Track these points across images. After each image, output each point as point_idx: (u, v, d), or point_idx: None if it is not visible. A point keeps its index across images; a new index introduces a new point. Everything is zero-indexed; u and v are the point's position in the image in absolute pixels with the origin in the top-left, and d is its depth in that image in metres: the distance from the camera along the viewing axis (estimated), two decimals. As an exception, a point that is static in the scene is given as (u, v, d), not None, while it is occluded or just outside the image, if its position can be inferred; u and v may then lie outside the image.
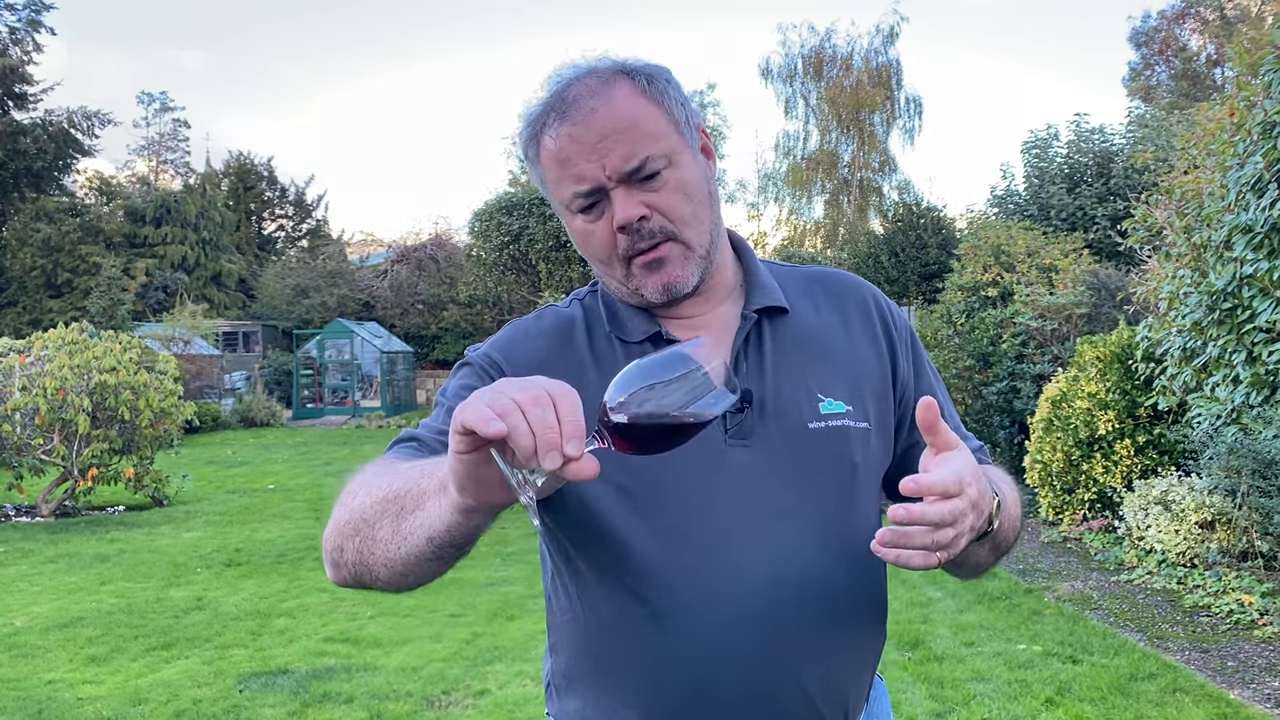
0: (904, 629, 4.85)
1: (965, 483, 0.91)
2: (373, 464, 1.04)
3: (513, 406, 0.75)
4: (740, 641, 1.07)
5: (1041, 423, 7.21)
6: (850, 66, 28.18)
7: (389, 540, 0.92)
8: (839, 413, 1.13)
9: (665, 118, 1.09)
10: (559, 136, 1.07)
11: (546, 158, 1.10)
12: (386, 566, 0.94)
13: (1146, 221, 7.20)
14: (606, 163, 1.06)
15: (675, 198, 1.08)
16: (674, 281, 1.10)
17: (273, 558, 7.23)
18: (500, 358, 1.15)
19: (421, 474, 0.91)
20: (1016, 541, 1.12)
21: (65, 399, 8.83)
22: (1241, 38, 6.49)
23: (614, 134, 1.05)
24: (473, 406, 0.75)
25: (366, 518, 0.94)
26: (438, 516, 0.86)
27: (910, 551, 0.90)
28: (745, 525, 1.08)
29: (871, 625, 1.18)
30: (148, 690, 4.36)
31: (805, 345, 1.17)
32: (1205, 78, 28.17)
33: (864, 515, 1.16)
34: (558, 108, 1.08)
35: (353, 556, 0.97)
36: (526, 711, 3.98)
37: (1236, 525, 5.51)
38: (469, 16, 60.36)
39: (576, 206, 1.09)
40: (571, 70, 1.12)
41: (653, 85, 1.09)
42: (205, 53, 60.22)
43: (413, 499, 0.90)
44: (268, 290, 25.89)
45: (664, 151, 1.07)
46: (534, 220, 18.69)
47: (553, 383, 0.78)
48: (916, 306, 14.21)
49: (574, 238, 1.14)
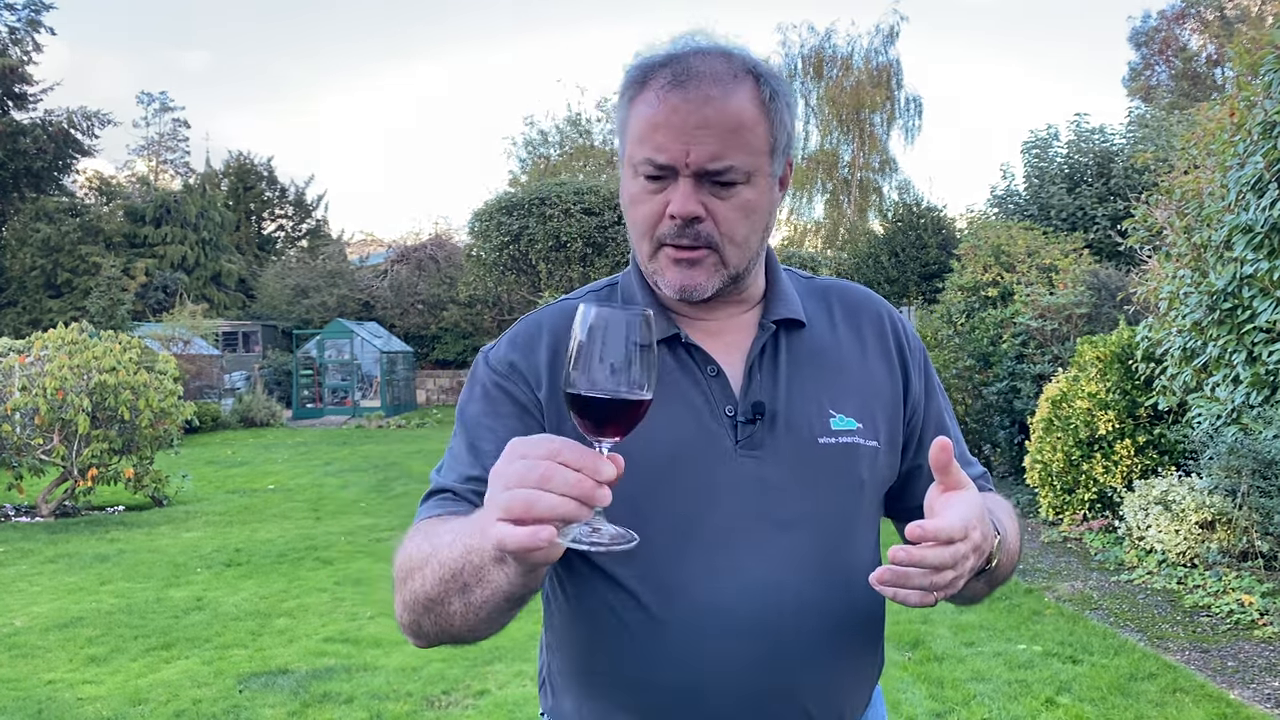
0: (904, 629, 4.84)
1: (970, 527, 0.92)
2: (416, 533, 1.05)
3: (536, 495, 0.78)
4: (737, 650, 1.06)
5: (1041, 423, 7.21)
6: (850, 66, 28.19)
7: (464, 613, 0.95)
8: (850, 429, 1.13)
9: (767, 136, 1.07)
10: (664, 99, 1.04)
11: (642, 110, 1.07)
12: (470, 630, 0.98)
13: (1146, 221, 7.20)
14: (692, 150, 1.03)
15: (736, 215, 1.07)
16: (693, 287, 1.09)
17: (273, 558, 7.23)
18: (518, 359, 1.15)
19: (467, 546, 0.92)
20: (1013, 573, 1.13)
21: (65, 399, 8.83)
22: (1242, 38, 6.49)
23: (715, 127, 1.03)
24: (513, 536, 0.78)
25: (433, 598, 0.96)
26: (507, 582, 0.89)
27: (907, 591, 0.91)
28: (748, 535, 1.07)
29: (869, 641, 1.18)
30: (148, 690, 4.36)
31: (819, 359, 1.17)
32: (1205, 78, 28.17)
33: (866, 533, 1.17)
34: (677, 71, 1.05)
35: (432, 629, 1.00)
36: (526, 711, 3.98)
37: (1237, 525, 5.51)
38: (469, 16, 60.38)
39: (643, 171, 1.07)
40: (707, 42, 1.09)
41: (773, 101, 1.07)
42: (205, 53, 60.26)
43: (471, 572, 0.91)
44: (268, 290, 25.89)
45: (749, 167, 1.06)
46: (534, 220, 18.69)
47: (543, 443, 0.81)
48: (916, 306, 14.21)
49: (624, 193, 1.13)
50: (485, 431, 1.11)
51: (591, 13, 56.81)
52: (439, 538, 0.97)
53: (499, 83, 61.25)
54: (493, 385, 1.14)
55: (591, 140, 29.06)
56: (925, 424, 1.23)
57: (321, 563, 7.02)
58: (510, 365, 1.15)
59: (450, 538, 0.95)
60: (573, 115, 29.48)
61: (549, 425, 1.11)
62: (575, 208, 18.67)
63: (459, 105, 64.56)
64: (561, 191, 19.06)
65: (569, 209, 18.64)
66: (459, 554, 0.92)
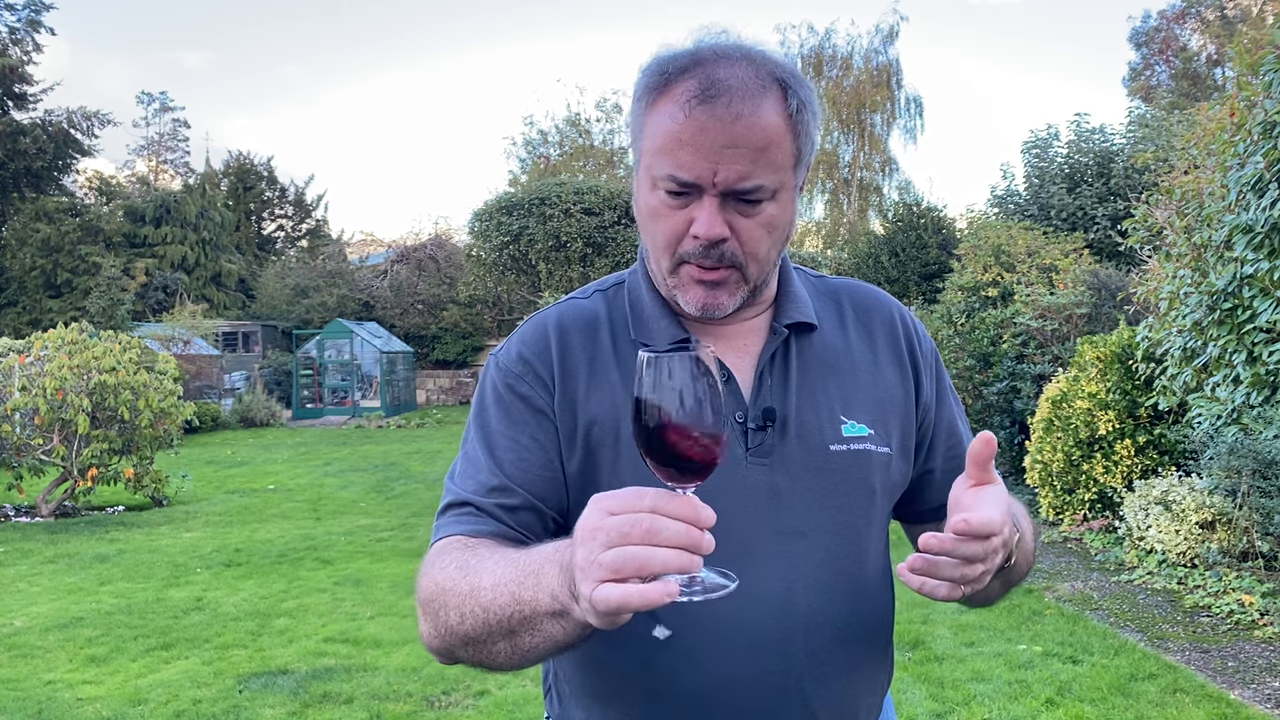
0: (904, 629, 4.84)
1: (1004, 523, 0.92)
2: (444, 556, 1.02)
3: (649, 553, 0.74)
4: (749, 660, 1.06)
5: (1042, 423, 7.21)
6: (850, 66, 28.22)
7: (510, 653, 0.93)
8: (861, 436, 1.12)
9: (793, 149, 1.04)
10: (691, 115, 0.99)
11: (665, 123, 1.02)
12: (512, 666, 0.96)
13: (1146, 221, 7.19)
14: (720, 169, 1.00)
15: (759, 232, 1.04)
16: (715, 306, 1.07)
17: (273, 558, 7.23)
18: (531, 357, 1.13)
19: (515, 597, 0.88)
20: (1029, 574, 1.12)
21: (65, 399, 8.83)
22: (1242, 38, 6.49)
23: (744, 147, 0.99)
24: (619, 594, 0.74)
25: (473, 637, 0.94)
26: (564, 634, 0.87)
27: (936, 582, 0.90)
28: (760, 543, 1.06)
29: (880, 649, 1.17)
30: (147, 690, 4.36)
31: (831, 364, 1.15)
32: (1205, 78, 28.17)
33: (877, 541, 1.15)
34: (704, 83, 1.00)
35: (468, 659, 0.99)
36: (526, 712, 3.98)
37: (1237, 525, 5.50)
38: (469, 16, 60.38)
39: (665, 186, 1.03)
40: (732, 44, 1.05)
41: (800, 113, 1.04)
42: (205, 52, 60.24)
43: (520, 620, 0.88)
44: (267, 290, 25.88)
45: (775, 185, 1.03)
46: (534, 220, 18.70)
47: (635, 497, 0.77)
48: (916, 306, 14.20)
49: (640, 206, 1.09)
50: (502, 439, 1.10)
51: (591, 13, 56.83)
52: (477, 576, 0.93)
53: (499, 83, 61.28)
54: (506, 389, 1.12)
55: (591, 140, 29.08)
56: (936, 428, 1.21)
57: (321, 563, 7.02)
58: (524, 363, 1.13)
59: (491, 580, 0.91)
60: (572, 115, 29.51)
61: (563, 430, 1.10)
62: (575, 208, 18.67)
63: (459, 105, 64.61)
64: (561, 191, 19.06)
65: (569, 209, 18.64)
66: (505, 602, 0.89)
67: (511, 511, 1.06)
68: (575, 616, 0.82)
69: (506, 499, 1.06)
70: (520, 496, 1.07)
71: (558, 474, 1.09)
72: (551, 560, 0.85)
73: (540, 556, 0.87)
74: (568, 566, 0.81)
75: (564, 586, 0.82)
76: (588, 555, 0.77)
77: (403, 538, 7.93)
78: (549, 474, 1.09)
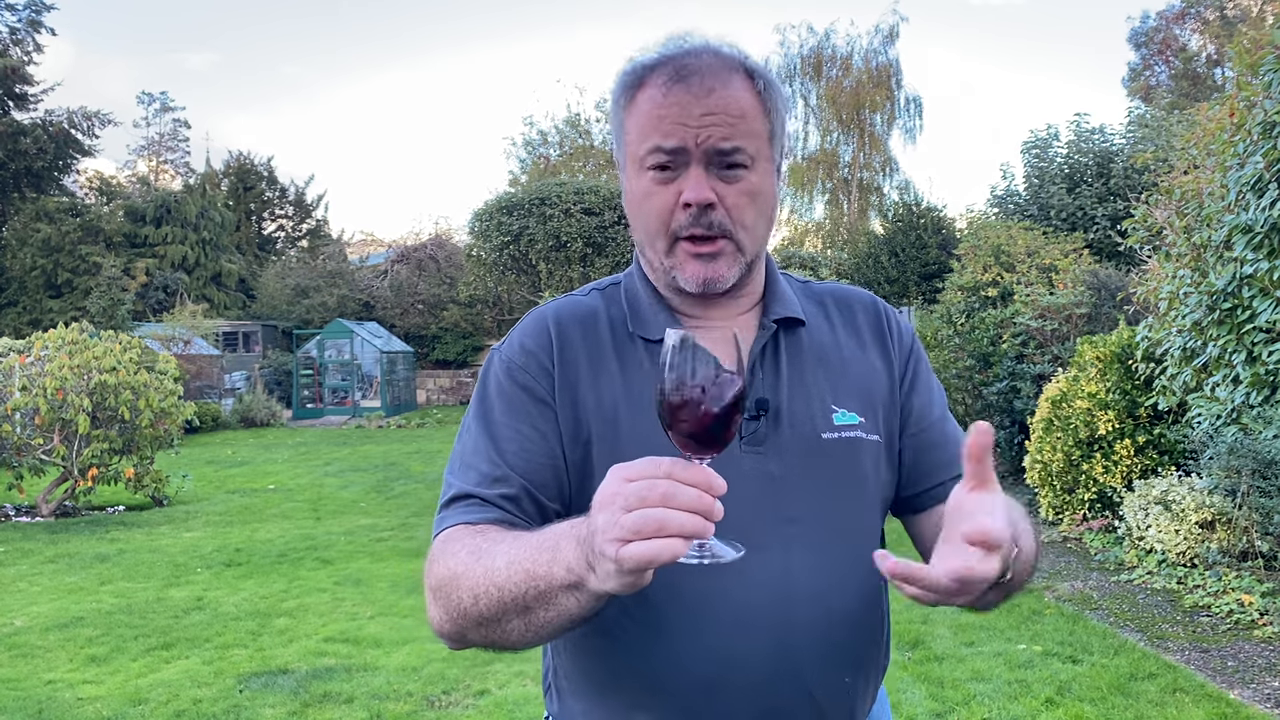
0: (904, 629, 4.85)
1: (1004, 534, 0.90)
2: (452, 543, 1.03)
3: (666, 514, 0.78)
4: (747, 646, 1.07)
5: (1041, 423, 7.21)
6: (850, 66, 28.21)
7: (523, 631, 0.95)
8: (852, 424, 1.15)
9: (766, 124, 1.10)
10: (668, 93, 1.07)
11: (644, 107, 1.09)
12: (524, 644, 0.98)
13: (1146, 221, 7.20)
14: (702, 134, 1.06)
15: (744, 200, 1.09)
16: (715, 279, 1.10)
17: (273, 558, 7.23)
18: (534, 347, 1.15)
19: (529, 573, 0.91)
20: (1030, 579, 1.10)
21: (65, 399, 8.83)
22: (1242, 38, 6.49)
23: (721, 113, 1.06)
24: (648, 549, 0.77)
25: (488, 617, 0.96)
26: (579, 606, 0.89)
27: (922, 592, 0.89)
28: (757, 529, 1.07)
29: (875, 633, 1.18)
30: (148, 690, 4.36)
31: (820, 356, 1.18)
32: (1205, 78, 28.18)
33: (870, 526, 1.17)
34: (675, 69, 1.08)
35: (480, 640, 1.00)
36: (526, 711, 3.98)
37: (1236, 525, 5.51)
38: (469, 16, 60.38)
39: (651, 162, 1.08)
40: (698, 41, 1.12)
41: (768, 92, 1.11)
42: (205, 53, 60.25)
43: (535, 596, 0.91)
44: (268, 290, 25.88)
45: (754, 152, 1.08)
46: (534, 220, 18.69)
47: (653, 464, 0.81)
48: (916, 306, 14.21)
49: (630, 198, 1.14)
50: (506, 429, 1.11)
51: (591, 13, 56.84)
52: (491, 557, 0.95)
53: (499, 83, 61.29)
54: (509, 380, 1.14)
55: (591, 140, 29.06)
56: (905, 407, 1.22)
57: (321, 563, 7.02)
58: (527, 354, 1.14)
59: (505, 560, 0.93)
60: (572, 115, 29.49)
61: (563, 420, 1.11)
62: (575, 208, 18.67)
63: (459, 105, 64.62)
64: (561, 191, 19.06)
65: (569, 209, 18.64)
66: (520, 579, 0.91)
67: (514, 501, 1.08)
68: (590, 587, 0.85)
69: (509, 489, 1.08)
70: (522, 486, 1.08)
71: (560, 463, 1.10)
72: (567, 535, 0.88)
73: (555, 533, 0.90)
74: (584, 539, 0.84)
75: (580, 559, 0.85)
76: (609, 518, 0.80)
77: (403, 538, 7.94)
78: (551, 463, 1.10)
